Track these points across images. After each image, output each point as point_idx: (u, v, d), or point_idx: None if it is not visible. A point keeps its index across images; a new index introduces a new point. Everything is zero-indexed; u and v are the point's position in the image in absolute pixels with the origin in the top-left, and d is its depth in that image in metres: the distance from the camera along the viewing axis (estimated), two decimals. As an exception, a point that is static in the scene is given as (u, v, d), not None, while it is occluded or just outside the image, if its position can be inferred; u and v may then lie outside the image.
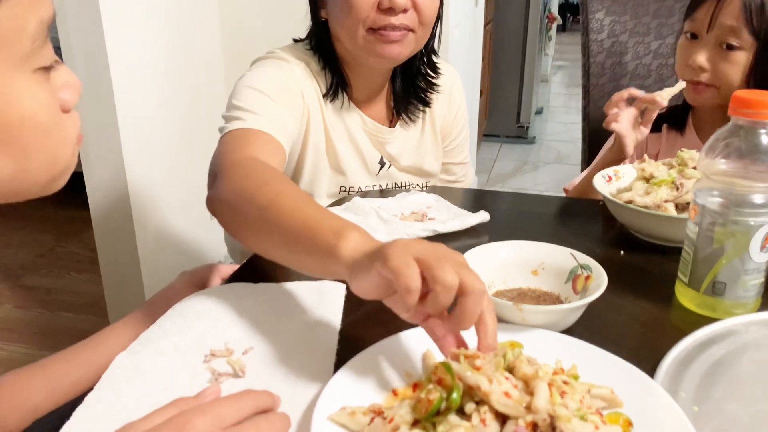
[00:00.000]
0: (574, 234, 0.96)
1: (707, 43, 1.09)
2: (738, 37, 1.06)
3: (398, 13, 0.97)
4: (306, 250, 0.64)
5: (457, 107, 1.24)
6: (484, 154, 3.94)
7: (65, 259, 2.60)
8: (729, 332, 0.68)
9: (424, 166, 1.20)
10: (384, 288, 0.56)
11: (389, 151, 1.15)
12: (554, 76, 6.23)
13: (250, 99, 0.96)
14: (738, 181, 0.68)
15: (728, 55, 1.08)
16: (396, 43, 0.99)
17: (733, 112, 0.67)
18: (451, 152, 1.27)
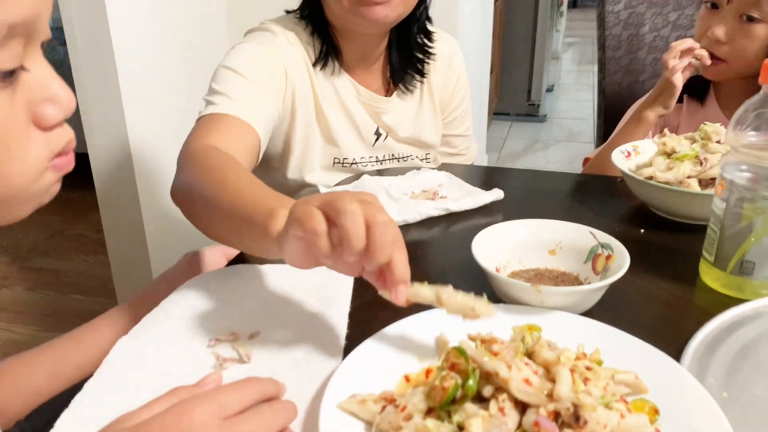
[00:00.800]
0: (591, 212, 0.93)
1: (727, 14, 1.07)
2: (758, 9, 1.03)
3: None
4: (248, 236, 0.63)
5: (456, 77, 1.20)
6: (494, 133, 3.89)
7: (73, 241, 2.59)
8: (758, 314, 0.65)
9: (423, 137, 1.17)
10: (308, 249, 0.53)
11: (386, 121, 1.12)
12: (565, 53, 6.14)
13: (227, 81, 0.95)
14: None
15: (747, 28, 1.05)
16: (381, 5, 0.95)
17: (764, 80, 0.63)
18: (451, 123, 1.24)
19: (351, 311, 0.65)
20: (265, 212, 0.60)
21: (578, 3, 7.53)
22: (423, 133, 1.17)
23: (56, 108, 0.43)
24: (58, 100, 0.43)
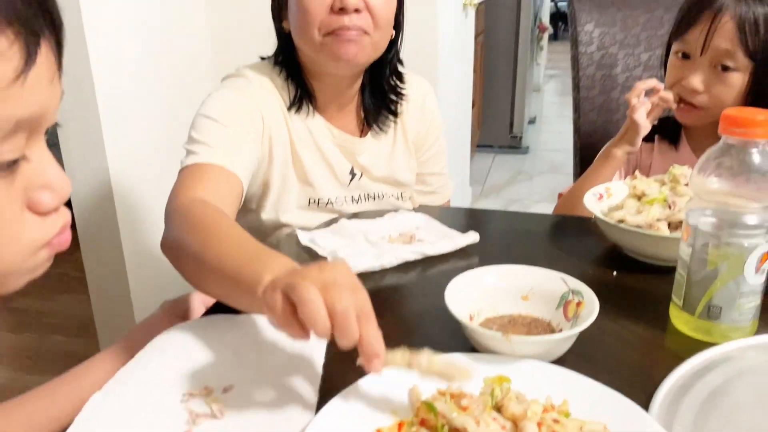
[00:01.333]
0: (566, 253, 0.94)
1: (701, 64, 1.07)
2: (733, 59, 1.03)
3: (350, 13, 0.97)
4: (235, 294, 0.67)
5: (430, 118, 1.23)
6: (478, 165, 3.92)
7: (56, 280, 2.57)
8: (726, 358, 0.66)
9: (397, 176, 1.19)
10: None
11: (361, 161, 1.15)
12: (547, 85, 6.24)
13: (206, 130, 0.97)
14: (731, 201, 0.66)
15: (724, 77, 1.05)
16: (352, 43, 0.99)
17: (723, 131, 0.65)
18: (426, 163, 1.26)
19: (325, 363, 0.65)
20: (252, 276, 0.62)
21: (559, 36, 7.68)
22: (397, 172, 1.19)
23: (52, 195, 0.44)
24: (54, 188, 0.44)
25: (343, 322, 0.52)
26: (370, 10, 0.99)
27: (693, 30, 1.07)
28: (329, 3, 0.97)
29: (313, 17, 0.98)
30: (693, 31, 1.07)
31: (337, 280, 0.54)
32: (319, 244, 0.92)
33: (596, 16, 1.43)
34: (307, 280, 0.53)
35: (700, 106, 1.09)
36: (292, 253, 0.94)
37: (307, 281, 0.53)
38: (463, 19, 2.73)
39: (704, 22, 1.05)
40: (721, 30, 1.03)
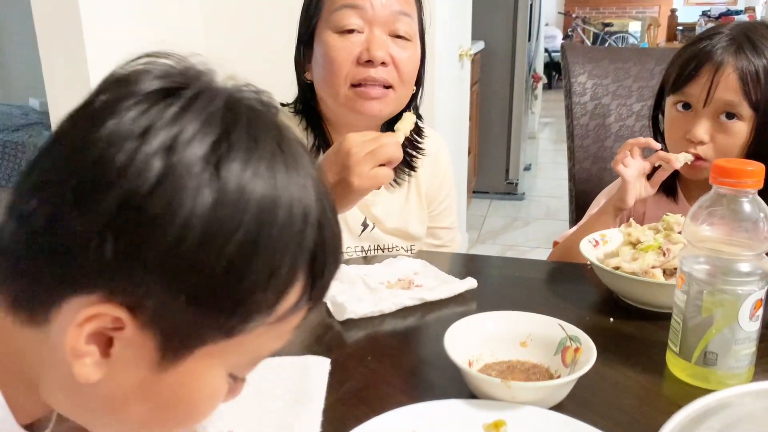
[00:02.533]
0: (563, 299, 0.95)
1: (705, 115, 1.05)
2: (738, 110, 1.03)
3: (377, 65, 1.00)
4: None
5: (443, 173, 1.24)
6: (474, 211, 3.95)
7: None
8: (723, 405, 0.66)
9: (409, 229, 1.20)
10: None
11: (374, 212, 1.15)
12: (542, 133, 6.33)
13: None
14: (724, 249, 0.67)
15: (727, 127, 1.04)
16: (376, 100, 1.02)
17: (714, 181, 0.67)
18: (436, 217, 1.27)
19: (325, 408, 0.66)
20: None
21: (553, 85, 7.83)
22: (409, 225, 1.20)
23: (231, 396, 0.50)
24: (235, 393, 0.51)
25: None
26: (396, 64, 1.02)
27: (694, 84, 1.06)
28: (356, 54, 1.00)
29: (339, 68, 1.00)
30: (694, 84, 1.06)
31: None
32: (318, 290, 0.93)
33: (589, 68, 1.47)
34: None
35: (706, 158, 1.06)
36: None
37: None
38: (459, 69, 2.80)
39: (706, 75, 1.04)
40: (725, 82, 1.02)
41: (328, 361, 0.73)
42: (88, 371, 0.41)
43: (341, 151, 0.85)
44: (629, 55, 1.51)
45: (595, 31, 8.76)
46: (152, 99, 0.41)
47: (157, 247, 0.39)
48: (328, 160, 0.87)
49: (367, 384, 0.72)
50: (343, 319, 0.85)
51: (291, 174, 0.43)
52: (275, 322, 0.44)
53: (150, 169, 0.38)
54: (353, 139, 0.85)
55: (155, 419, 0.46)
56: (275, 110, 0.47)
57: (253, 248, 0.40)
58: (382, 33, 1.01)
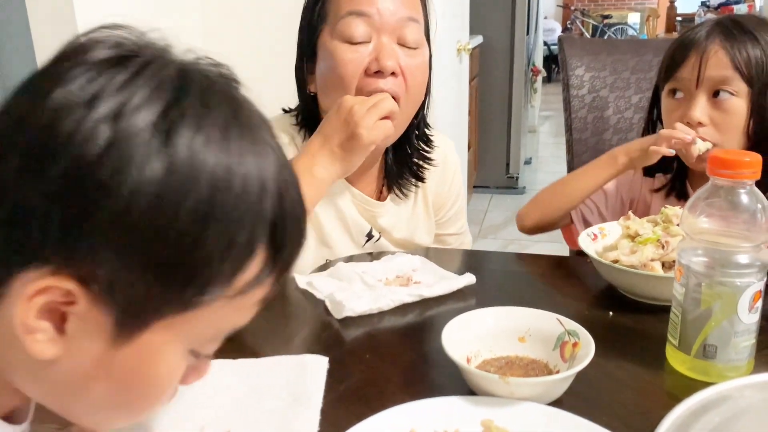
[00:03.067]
0: (562, 294, 0.95)
1: (698, 97, 1.05)
2: (731, 85, 1.02)
3: (387, 76, 0.96)
4: None
5: (451, 178, 1.21)
6: (475, 206, 3.95)
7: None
8: (723, 397, 0.66)
9: (416, 239, 1.17)
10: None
11: (381, 224, 1.12)
12: (542, 126, 6.31)
13: None
14: (722, 240, 0.67)
15: (724, 105, 1.03)
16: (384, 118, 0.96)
17: (711, 173, 0.67)
18: (444, 224, 1.24)
19: (323, 406, 0.65)
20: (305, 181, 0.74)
21: (552, 78, 7.81)
22: (416, 235, 1.17)
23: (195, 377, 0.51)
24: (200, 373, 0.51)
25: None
26: (405, 74, 0.98)
27: (684, 67, 1.06)
28: (365, 65, 0.96)
29: (349, 82, 0.97)
30: (684, 68, 1.06)
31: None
32: (316, 287, 0.92)
33: (587, 61, 1.47)
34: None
35: (711, 141, 1.04)
36: (290, 295, 0.95)
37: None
38: (458, 64, 2.79)
39: (694, 56, 1.04)
40: (714, 59, 1.02)
41: (326, 360, 0.73)
42: (42, 347, 0.41)
43: (342, 111, 0.90)
44: (627, 47, 1.50)
45: (594, 23, 8.73)
46: (102, 67, 0.40)
47: (105, 215, 0.38)
48: (330, 124, 0.91)
49: (366, 382, 0.71)
50: (342, 317, 0.85)
51: (246, 143, 0.42)
52: (235, 295, 0.43)
53: (97, 137, 0.38)
54: (351, 99, 0.91)
55: (117, 399, 0.45)
56: (235, 84, 0.46)
57: (206, 217, 0.40)
58: (390, 41, 0.97)
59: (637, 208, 1.22)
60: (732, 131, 1.04)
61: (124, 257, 0.39)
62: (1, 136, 0.40)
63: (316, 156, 0.90)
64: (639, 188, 1.21)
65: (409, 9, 0.99)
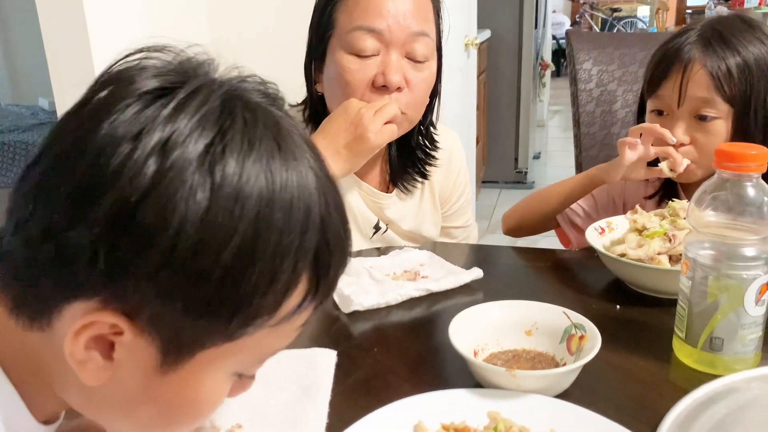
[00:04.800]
0: (570, 288, 0.95)
1: (681, 117, 1.03)
2: (713, 107, 1.00)
3: (392, 91, 0.97)
4: None
5: (456, 172, 1.22)
6: (484, 201, 3.94)
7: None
8: (730, 390, 0.66)
9: (423, 231, 1.18)
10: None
11: (388, 215, 1.14)
12: (551, 121, 6.30)
13: None
14: (728, 233, 0.67)
15: (706, 127, 1.01)
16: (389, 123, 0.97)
17: (717, 166, 0.67)
18: (451, 216, 1.25)
19: (332, 399, 0.66)
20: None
21: (561, 72, 7.77)
22: (423, 227, 1.19)
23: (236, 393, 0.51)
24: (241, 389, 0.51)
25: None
26: (410, 87, 0.99)
27: (665, 84, 1.04)
28: (371, 78, 0.97)
29: (354, 92, 0.97)
30: (665, 85, 1.04)
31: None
32: (325, 283, 0.93)
33: (594, 55, 1.47)
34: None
35: (691, 159, 1.03)
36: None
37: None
38: (465, 59, 2.78)
39: (675, 74, 1.02)
40: (694, 79, 1.00)
41: (335, 353, 0.73)
42: (92, 375, 0.42)
43: (350, 113, 0.93)
44: (634, 41, 1.50)
45: (603, 16, 8.68)
46: (147, 99, 0.40)
47: (149, 257, 0.38)
48: (336, 124, 0.94)
49: (374, 375, 0.72)
50: (350, 311, 0.85)
51: (290, 172, 0.42)
52: (278, 323, 0.44)
53: (142, 175, 0.38)
54: (357, 102, 0.95)
55: (162, 420, 0.46)
56: (281, 101, 0.46)
57: (251, 254, 0.40)
58: (399, 57, 0.97)
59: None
60: (712, 151, 1.02)
61: (168, 295, 0.39)
62: (50, 172, 0.41)
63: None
64: (634, 193, 1.20)
65: (420, 23, 0.98)
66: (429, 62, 1.01)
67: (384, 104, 0.94)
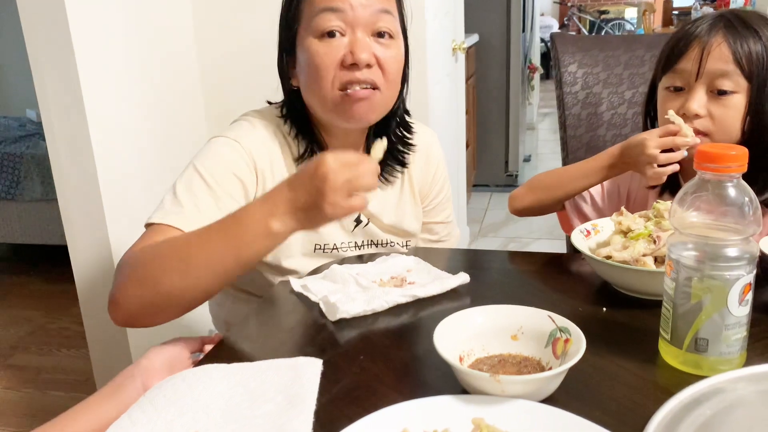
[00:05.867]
0: (557, 291, 0.95)
1: (697, 90, 1.05)
2: (731, 81, 1.02)
3: (362, 68, 0.99)
4: (245, 254, 0.82)
5: (435, 168, 1.24)
6: (475, 204, 3.95)
7: (55, 335, 2.56)
8: (715, 391, 0.66)
9: (404, 225, 1.20)
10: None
11: (369, 209, 1.15)
12: (541, 123, 6.32)
13: (190, 187, 0.98)
14: (711, 234, 0.67)
15: (723, 100, 1.03)
16: (364, 101, 1.00)
17: (698, 167, 0.67)
18: (431, 212, 1.27)
19: (317, 408, 0.65)
20: (258, 228, 0.80)
21: (550, 75, 7.80)
22: (404, 221, 1.20)
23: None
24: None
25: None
26: (381, 65, 1.01)
27: (684, 59, 1.06)
28: (340, 58, 0.99)
29: (325, 74, 1.00)
30: (685, 60, 1.06)
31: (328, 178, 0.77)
32: (310, 290, 0.93)
33: (579, 57, 1.47)
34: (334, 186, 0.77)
35: (705, 132, 1.05)
36: (284, 298, 0.96)
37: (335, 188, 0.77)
38: (453, 63, 2.79)
39: (696, 49, 1.04)
40: (715, 52, 1.02)
41: (320, 362, 0.73)
42: None
43: (317, 175, 0.78)
44: (619, 43, 1.51)
45: (591, 19, 8.73)
46: None
47: None
48: (301, 180, 0.80)
49: (360, 383, 0.72)
50: (336, 319, 0.85)
51: None
52: None
53: None
54: (330, 164, 0.77)
55: None
56: None
57: None
58: (364, 35, 1.00)
59: (636, 200, 1.22)
60: (728, 126, 1.05)
61: None
62: None
63: (278, 206, 0.81)
64: (638, 180, 1.21)
65: (382, 2, 1.02)
66: (396, 40, 1.04)
67: (359, 173, 0.79)
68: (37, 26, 1.56)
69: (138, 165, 1.82)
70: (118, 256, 1.72)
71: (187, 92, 2.09)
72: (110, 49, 1.71)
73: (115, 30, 1.73)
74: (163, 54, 1.95)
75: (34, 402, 2.16)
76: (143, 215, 1.05)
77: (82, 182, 1.66)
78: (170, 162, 1.93)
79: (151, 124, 1.88)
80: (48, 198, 2.89)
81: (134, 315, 0.86)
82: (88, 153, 1.63)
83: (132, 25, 1.79)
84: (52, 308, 2.74)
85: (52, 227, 2.94)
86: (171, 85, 2.00)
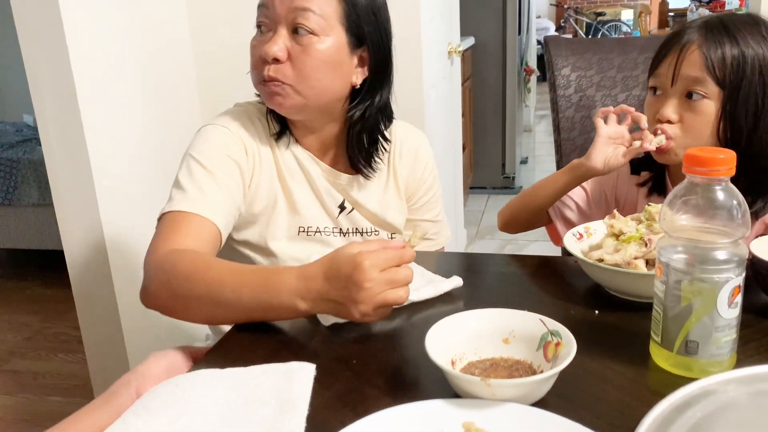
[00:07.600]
0: (550, 294, 0.95)
1: (672, 95, 1.08)
2: (703, 87, 1.04)
3: (270, 62, 1.04)
4: (269, 316, 0.86)
5: (423, 167, 1.26)
6: (472, 207, 3.95)
7: (52, 340, 2.56)
8: (706, 393, 0.66)
9: (388, 217, 1.22)
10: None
11: (354, 196, 1.18)
12: (538, 126, 6.32)
13: (190, 174, 1.04)
14: (700, 237, 0.68)
15: (694, 105, 1.06)
16: (276, 95, 1.05)
17: (687, 170, 0.67)
18: (420, 209, 1.29)
19: (309, 413, 0.66)
20: (283, 300, 0.82)
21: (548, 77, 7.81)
22: (388, 213, 1.22)
23: None
24: None
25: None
26: (292, 59, 1.04)
27: (663, 64, 1.09)
28: (261, 54, 1.05)
29: (254, 67, 1.07)
30: (663, 64, 1.09)
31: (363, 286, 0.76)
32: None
33: (572, 60, 1.48)
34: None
35: (673, 137, 1.08)
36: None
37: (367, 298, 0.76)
38: (449, 66, 2.80)
39: (673, 55, 1.07)
40: (688, 59, 1.05)
41: (313, 367, 0.73)
42: None
43: (353, 280, 0.76)
44: (612, 46, 1.51)
45: (587, 20, 8.74)
46: None
47: None
48: (336, 276, 0.78)
49: (353, 388, 0.72)
50: (329, 324, 0.85)
51: None
52: None
53: None
54: (368, 272, 0.75)
55: None
56: None
57: None
58: (283, 30, 1.04)
59: (626, 205, 1.23)
60: (700, 132, 1.07)
61: None
62: None
63: (310, 292, 0.81)
64: (626, 185, 1.22)
65: (302, 0, 1.03)
66: (319, 36, 1.04)
67: (394, 290, 0.78)
68: (31, 30, 1.57)
69: (134, 169, 1.83)
70: (114, 261, 1.74)
71: (184, 97, 2.10)
72: (105, 53, 1.72)
73: (110, 33, 1.73)
74: (159, 57, 1.96)
75: (31, 407, 2.16)
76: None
77: (77, 186, 1.66)
78: (166, 166, 1.94)
79: (146, 128, 1.89)
80: (45, 203, 2.89)
81: (163, 311, 0.95)
82: (84, 157, 1.63)
83: (127, 27, 1.80)
84: (49, 313, 2.74)
85: (49, 232, 2.94)
86: (167, 89, 2.00)
